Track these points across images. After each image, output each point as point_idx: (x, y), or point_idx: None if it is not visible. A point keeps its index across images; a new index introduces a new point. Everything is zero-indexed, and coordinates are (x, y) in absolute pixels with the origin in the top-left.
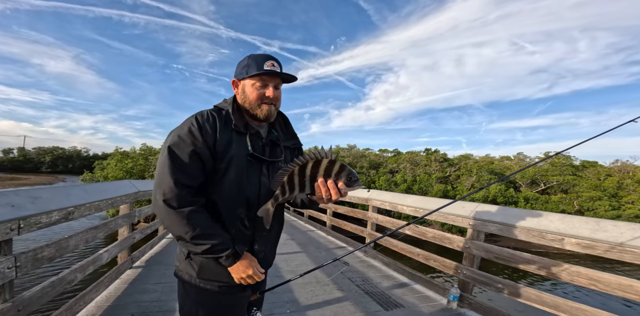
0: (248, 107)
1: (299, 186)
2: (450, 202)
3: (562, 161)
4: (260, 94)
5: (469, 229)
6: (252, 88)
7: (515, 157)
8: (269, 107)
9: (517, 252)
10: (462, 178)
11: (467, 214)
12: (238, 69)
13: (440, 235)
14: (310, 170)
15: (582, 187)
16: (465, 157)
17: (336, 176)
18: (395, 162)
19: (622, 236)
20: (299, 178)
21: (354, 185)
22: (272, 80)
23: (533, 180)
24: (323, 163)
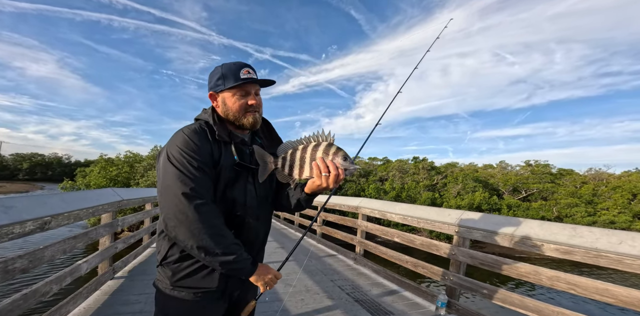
0: (232, 119)
1: (299, 166)
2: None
3: (541, 169)
4: (243, 104)
5: (454, 236)
6: (234, 99)
7: (497, 165)
8: (254, 115)
9: (500, 258)
10: (449, 186)
11: (453, 221)
12: (212, 81)
13: (428, 242)
14: (310, 150)
15: (560, 194)
16: (452, 165)
17: (334, 156)
18: (384, 170)
19: (598, 241)
20: (301, 155)
21: (350, 164)
22: (251, 88)
23: (515, 187)
24: (322, 145)
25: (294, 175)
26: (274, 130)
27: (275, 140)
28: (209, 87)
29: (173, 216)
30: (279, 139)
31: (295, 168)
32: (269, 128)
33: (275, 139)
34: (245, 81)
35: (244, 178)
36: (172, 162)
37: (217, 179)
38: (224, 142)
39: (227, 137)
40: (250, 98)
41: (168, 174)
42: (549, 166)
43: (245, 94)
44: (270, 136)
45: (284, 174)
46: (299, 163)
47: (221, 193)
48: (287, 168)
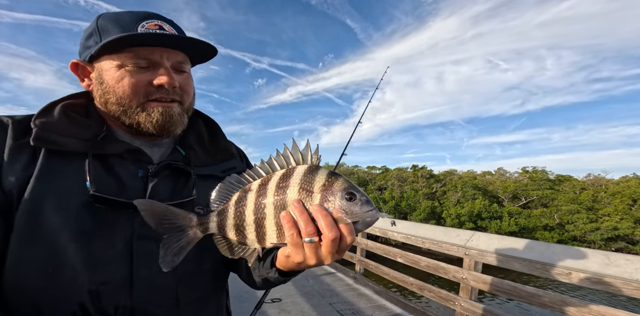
0: (119, 111)
1: (256, 216)
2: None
3: (539, 175)
4: (139, 82)
5: (465, 259)
6: (121, 73)
7: (496, 171)
8: (164, 108)
9: (520, 285)
10: (448, 193)
11: (462, 243)
12: (86, 43)
13: (435, 265)
14: (275, 187)
15: (560, 200)
16: (450, 173)
17: (324, 194)
18: (383, 178)
19: (638, 272)
20: (257, 200)
21: (361, 208)
22: (161, 54)
23: (514, 194)
24: (297, 172)
25: (247, 243)
26: (220, 136)
27: (221, 152)
28: (78, 52)
29: None
30: (229, 151)
31: (248, 230)
32: (212, 133)
33: (222, 151)
34: (140, 34)
35: (121, 229)
36: None
37: (28, 225)
38: (57, 153)
39: (77, 143)
40: (159, 74)
41: None
42: (546, 172)
43: (147, 65)
44: (212, 145)
45: (229, 244)
46: (256, 219)
47: (52, 266)
48: (233, 233)
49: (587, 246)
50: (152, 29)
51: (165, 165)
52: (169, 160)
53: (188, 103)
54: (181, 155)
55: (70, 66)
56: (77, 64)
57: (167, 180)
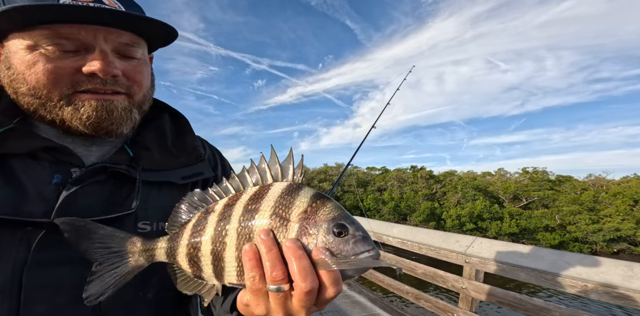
0: (32, 103)
1: (216, 246)
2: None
3: (539, 176)
4: (61, 70)
5: (465, 267)
6: (33, 56)
7: (496, 172)
8: (100, 101)
9: (526, 297)
10: (448, 194)
11: (462, 250)
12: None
13: (432, 272)
14: (242, 212)
15: (562, 201)
16: (450, 174)
17: (303, 225)
18: (382, 179)
19: None
20: (219, 226)
21: (357, 248)
22: (98, 34)
23: (515, 195)
24: (272, 192)
25: (205, 278)
26: (188, 136)
27: (187, 154)
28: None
29: None
30: (196, 154)
31: (204, 262)
32: (178, 132)
33: (188, 153)
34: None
35: (12, 257)
36: None
37: None
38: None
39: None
40: (90, 58)
41: None
42: (547, 173)
43: (74, 47)
44: (178, 147)
45: (184, 276)
46: (214, 250)
47: None
48: (187, 264)
49: (590, 248)
50: (81, 2)
51: (99, 169)
52: (104, 163)
53: (140, 95)
54: (128, 156)
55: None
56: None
57: (98, 188)
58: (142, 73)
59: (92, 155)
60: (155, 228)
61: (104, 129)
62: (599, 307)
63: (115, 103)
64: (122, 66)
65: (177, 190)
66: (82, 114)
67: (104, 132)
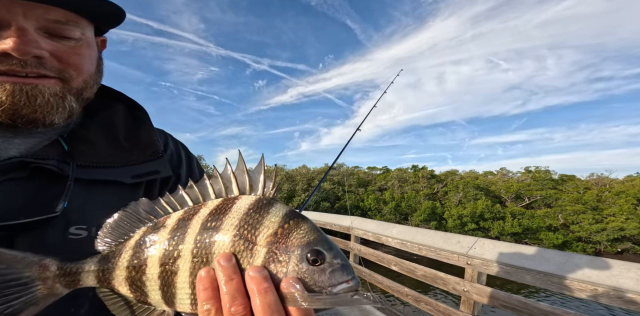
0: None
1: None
2: None
3: (542, 175)
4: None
5: (467, 269)
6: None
7: (498, 172)
8: (18, 86)
9: (531, 301)
10: (450, 194)
11: (463, 251)
12: None
13: (432, 274)
14: (199, 229)
15: (565, 200)
16: (451, 173)
17: (272, 250)
18: (383, 179)
19: None
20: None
21: (334, 279)
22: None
23: (517, 194)
24: (237, 208)
25: (152, 304)
26: (145, 128)
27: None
28: None
29: None
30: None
31: (150, 287)
32: (135, 124)
33: (142, 148)
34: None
35: None
36: None
37: None
38: None
39: None
40: (5, 36)
41: None
42: (549, 172)
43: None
44: (130, 141)
45: (122, 301)
46: (162, 273)
47: None
48: (126, 289)
49: (593, 248)
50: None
51: (16, 164)
52: (24, 157)
53: (79, 81)
54: (62, 150)
55: None
56: None
57: (18, 187)
58: (81, 55)
59: (13, 148)
60: (93, 233)
61: (24, 117)
62: (601, 310)
63: (40, 88)
64: (52, 47)
65: (127, 190)
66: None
67: (25, 120)
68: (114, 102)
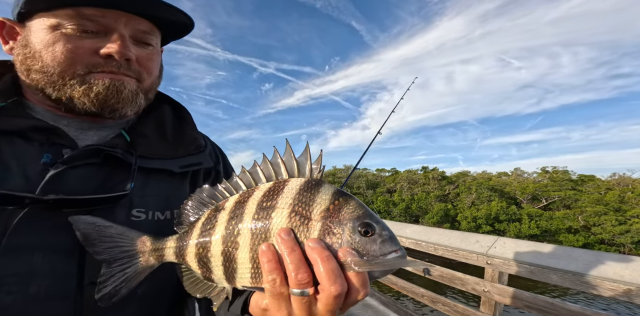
0: (45, 83)
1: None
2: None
3: (560, 176)
4: (78, 49)
5: (487, 269)
6: (53, 35)
7: (512, 172)
8: (113, 80)
9: (559, 301)
10: (462, 195)
11: (483, 250)
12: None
13: (450, 275)
14: (255, 210)
15: (585, 201)
16: (463, 174)
17: (325, 223)
18: (392, 181)
19: None
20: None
21: (384, 248)
22: (121, 21)
23: (534, 195)
24: (289, 188)
25: (215, 280)
26: (189, 127)
27: (185, 145)
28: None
29: None
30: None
31: (214, 263)
32: (180, 123)
33: (186, 144)
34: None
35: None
36: None
37: None
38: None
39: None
40: (110, 40)
41: None
42: (568, 172)
43: (95, 29)
44: (177, 137)
45: (193, 278)
46: (224, 250)
47: None
48: (196, 265)
49: (617, 250)
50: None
51: (93, 151)
52: (99, 145)
53: (148, 83)
54: (125, 141)
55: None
56: (3, 22)
57: (92, 170)
58: (154, 61)
59: (88, 139)
60: (150, 217)
61: (110, 107)
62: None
63: (125, 84)
64: (137, 52)
65: (176, 179)
66: (92, 91)
67: (109, 110)
68: (162, 103)
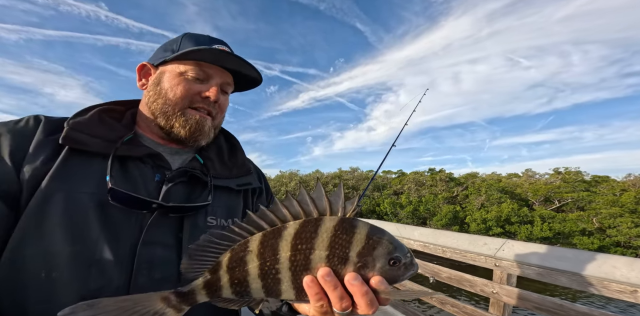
0: (160, 113)
1: (264, 280)
2: None
3: (572, 177)
4: (191, 91)
5: (495, 271)
6: (180, 79)
7: (523, 173)
8: (200, 118)
9: (567, 303)
10: (471, 197)
11: (491, 253)
12: (159, 51)
13: (458, 276)
14: (292, 245)
15: (599, 203)
16: (472, 175)
17: (361, 259)
18: (399, 183)
19: None
20: (264, 261)
21: (405, 273)
22: (217, 73)
23: (546, 197)
24: (325, 227)
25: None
26: (239, 153)
27: (238, 166)
28: (149, 59)
29: None
30: (245, 167)
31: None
32: (232, 149)
33: (238, 165)
34: (212, 53)
35: (131, 229)
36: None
37: (38, 218)
38: (84, 154)
39: (101, 144)
40: (209, 86)
41: None
42: (581, 173)
43: (203, 77)
44: (231, 160)
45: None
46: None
47: (55, 260)
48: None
49: (634, 253)
50: (220, 48)
51: (183, 172)
52: (186, 167)
53: (218, 120)
54: (200, 164)
55: (138, 66)
56: (145, 65)
57: (183, 186)
58: (226, 105)
59: (175, 162)
60: (219, 223)
61: (194, 138)
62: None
63: (206, 122)
64: (220, 97)
65: (234, 194)
66: (188, 124)
67: (193, 140)
68: (219, 133)
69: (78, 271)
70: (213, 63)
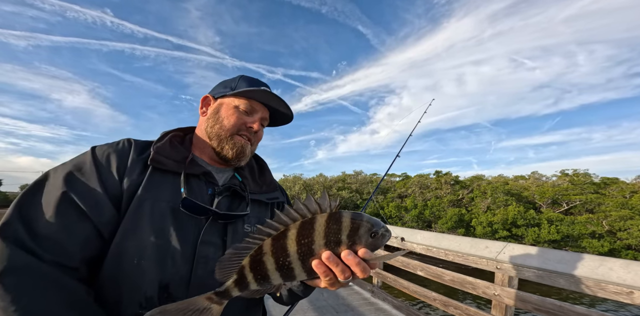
0: (215, 136)
1: (280, 271)
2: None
3: (581, 179)
4: (240, 120)
5: (497, 273)
6: (234, 110)
7: (530, 176)
8: (244, 143)
9: (567, 304)
10: (477, 200)
11: (492, 256)
12: (219, 87)
13: (461, 279)
14: (296, 241)
15: (608, 205)
16: (478, 178)
17: (350, 239)
18: (403, 186)
19: None
20: (277, 258)
21: (383, 240)
22: (261, 109)
23: (554, 200)
24: (319, 222)
25: (273, 284)
26: (267, 172)
27: (266, 184)
28: (211, 91)
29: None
30: (272, 184)
31: (272, 276)
32: (261, 169)
33: (266, 183)
34: (262, 94)
35: (194, 231)
36: (42, 185)
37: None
38: (162, 171)
39: (173, 165)
40: (254, 120)
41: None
42: (589, 175)
43: (250, 111)
44: (261, 178)
45: (253, 291)
46: (282, 274)
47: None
48: (256, 285)
49: None
50: (266, 89)
51: (228, 187)
52: (230, 184)
53: (254, 147)
54: (238, 181)
55: (202, 98)
56: (207, 97)
57: (226, 199)
58: (261, 136)
59: (220, 178)
60: (252, 230)
61: (237, 159)
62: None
63: (248, 147)
64: (259, 129)
65: (264, 207)
66: (235, 147)
67: (237, 160)
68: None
69: (158, 261)
70: (260, 101)
